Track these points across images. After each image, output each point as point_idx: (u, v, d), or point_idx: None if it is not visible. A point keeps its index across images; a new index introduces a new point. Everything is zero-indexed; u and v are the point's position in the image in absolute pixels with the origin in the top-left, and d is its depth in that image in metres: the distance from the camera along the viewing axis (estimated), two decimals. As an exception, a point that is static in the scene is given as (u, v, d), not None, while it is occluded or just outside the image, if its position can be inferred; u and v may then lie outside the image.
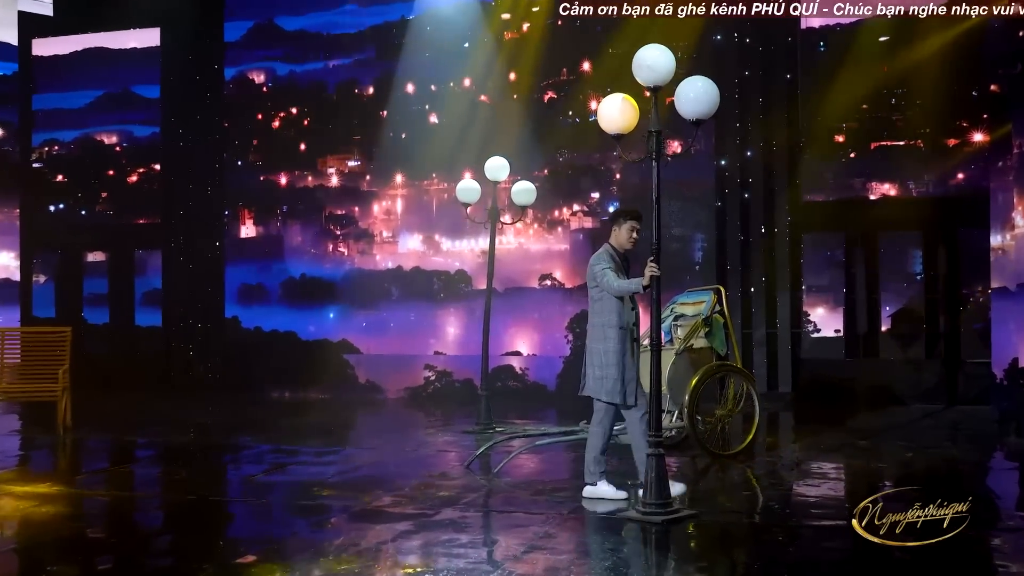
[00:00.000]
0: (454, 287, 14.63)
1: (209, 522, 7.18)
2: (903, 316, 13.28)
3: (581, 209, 14.36)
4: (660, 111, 6.90)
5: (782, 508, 7.44)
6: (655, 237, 6.89)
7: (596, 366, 7.26)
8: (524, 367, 14.24)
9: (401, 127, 14.69)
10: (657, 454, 6.68)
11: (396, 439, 10.55)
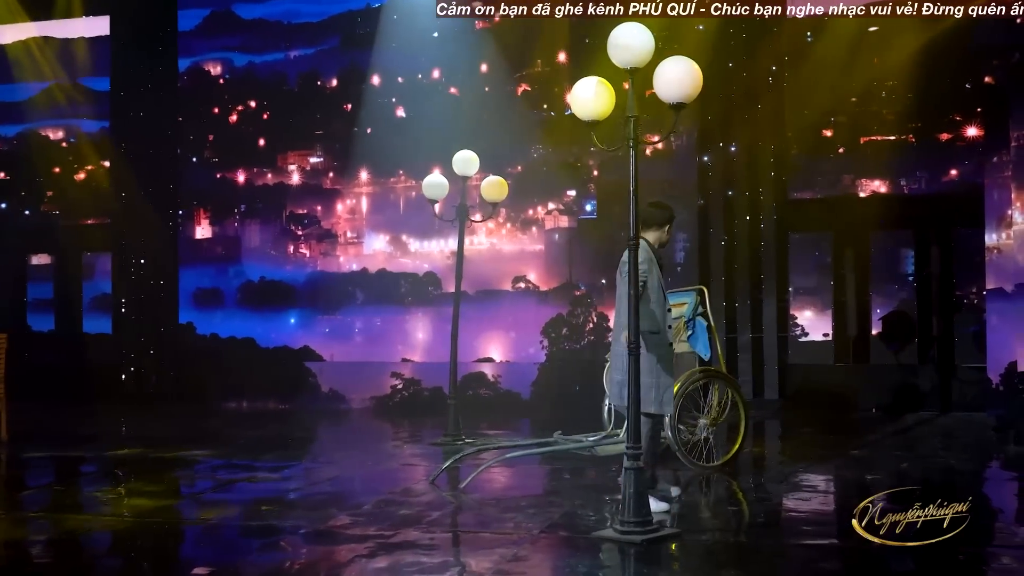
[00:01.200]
0: (422, 290, 13.90)
1: (152, 545, 6.44)
2: (894, 319, 12.65)
3: (556, 207, 13.67)
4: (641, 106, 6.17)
5: (771, 525, 6.78)
6: (632, 231, 6.17)
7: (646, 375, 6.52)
8: (496, 374, 13.50)
9: (366, 121, 13.95)
10: (635, 468, 5.99)
11: (359, 452, 9.79)
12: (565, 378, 13.07)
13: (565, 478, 8.02)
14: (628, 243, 6.20)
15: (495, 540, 6.11)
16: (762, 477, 8.41)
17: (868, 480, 8.21)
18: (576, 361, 13.19)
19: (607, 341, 13.24)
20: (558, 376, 13.17)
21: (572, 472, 8.25)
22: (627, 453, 6.02)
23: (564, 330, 13.40)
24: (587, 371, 12.92)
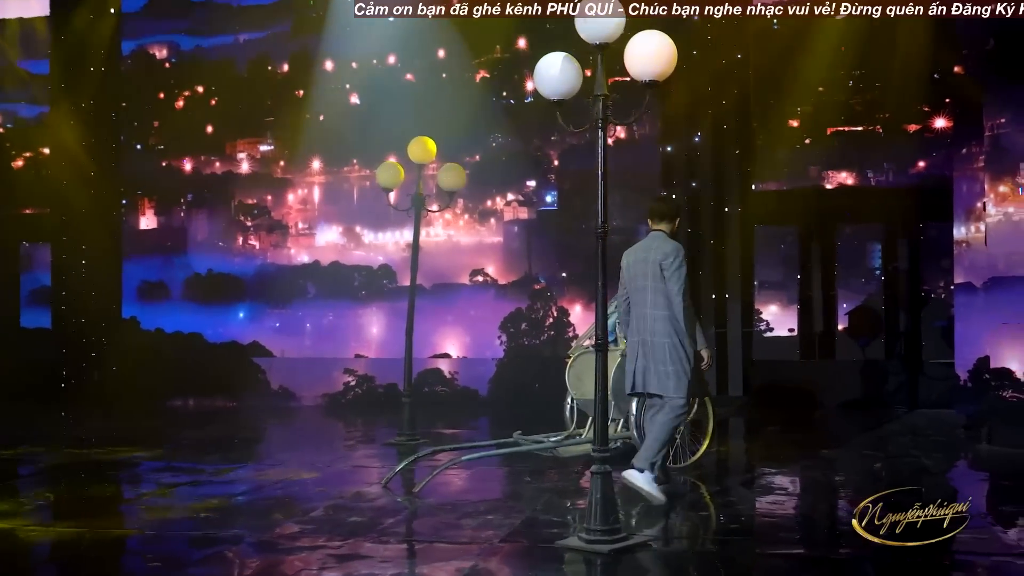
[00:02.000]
0: (377, 283, 13.42)
1: (80, 557, 5.92)
2: (861, 314, 12.41)
3: (516, 198, 13.25)
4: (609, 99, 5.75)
5: (744, 533, 6.40)
6: (601, 217, 5.78)
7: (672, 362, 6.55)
8: (453, 371, 13.06)
9: (319, 108, 13.44)
10: (603, 472, 5.58)
11: (309, 453, 9.30)
12: (524, 375, 12.67)
13: (526, 481, 7.61)
14: (597, 232, 5.77)
15: (452, 551, 5.68)
16: (731, 479, 8.05)
17: (839, 482, 7.94)
18: (536, 357, 12.80)
19: (568, 336, 12.94)
20: (517, 373, 12.77)
21: (533, 474, 7.84)
22: (594, 456, 5.61)
23: (523, 325, 12.99)
24: (547, 367, 12.54)
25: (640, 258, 6.73)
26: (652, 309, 6.62)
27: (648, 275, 6.65)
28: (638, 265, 6.73)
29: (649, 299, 6.63)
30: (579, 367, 8.19)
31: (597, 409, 5.66)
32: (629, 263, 6.85)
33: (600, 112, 5.69)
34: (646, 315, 6.64)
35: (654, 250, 6.68)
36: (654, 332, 6.58)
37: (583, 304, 12.89)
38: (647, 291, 6.63)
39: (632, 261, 6.82)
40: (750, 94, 12.58)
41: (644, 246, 6.79)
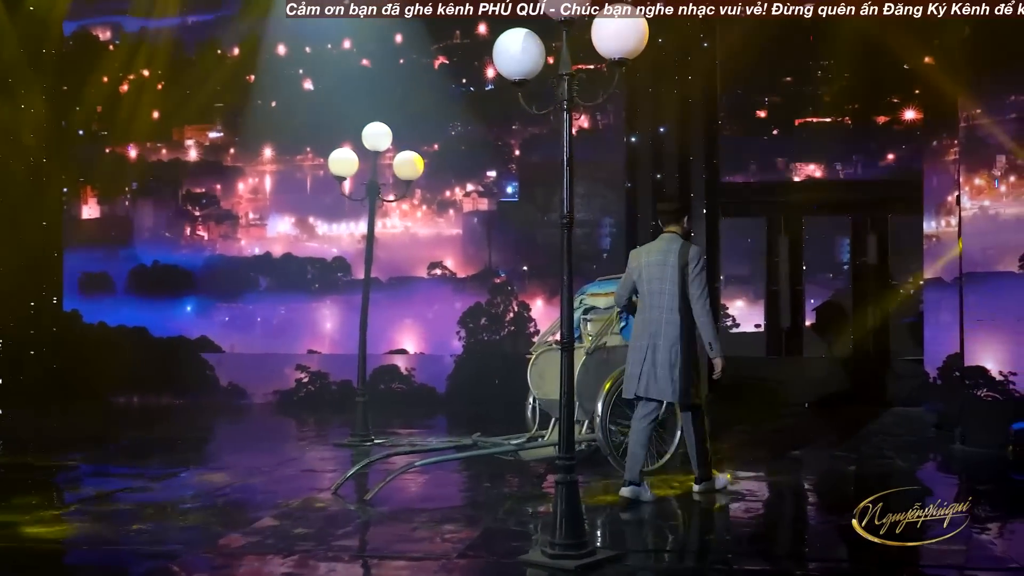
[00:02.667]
0: (330, 276, 12.94)
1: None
2: (829, 310, 12.13)
3: (476, 189, 12.82)
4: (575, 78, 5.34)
5: (720, 544, 6.04)
6: (566, 207, 5.37)
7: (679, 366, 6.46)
8: (410, 367, 12.62)
9: (271, 94, 12.91)
10: (568, 481, 5.18)
11: (258, 455, 8.82)
12: (484, 372, 12.27)
13: (485, 486, 7.20)
14: (562, 222, 5.37)
15: (405, 568, 5.26)
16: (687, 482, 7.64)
17: (813, 486, 7.61)
18: (495, 354, 12.40)
19: (529, 332, 12.54)
20: (476, 369, 12.36)
21: (492, 479, 7.43)
22: (559, 464, 5.20)
23: (483, 320, 12.58)
24: (507, 364, 12.16)
25: (658, 260, 6.57)
26: (669, 313, 6.47)
27: (667, 278, 6.49)
28: (655, 267, 6.57)
29: (667, 303, 6.49)
30: (542, 365, 7.79)
31: (563, 413, 5.26)
32: (642, 264, 6.67)
33: (565, 93, 5.26)
34: (661, 319, 6.49)
35: (674, 253, 6.53)
36: (668, 336, 6.45)
37: (544, 299, 12.50)
38: (665, 294, 6.49)
39: (647, 263, 6.64)
40: (717, 84, 12.24)
41: (661, 248, 6.61)
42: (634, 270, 6.72)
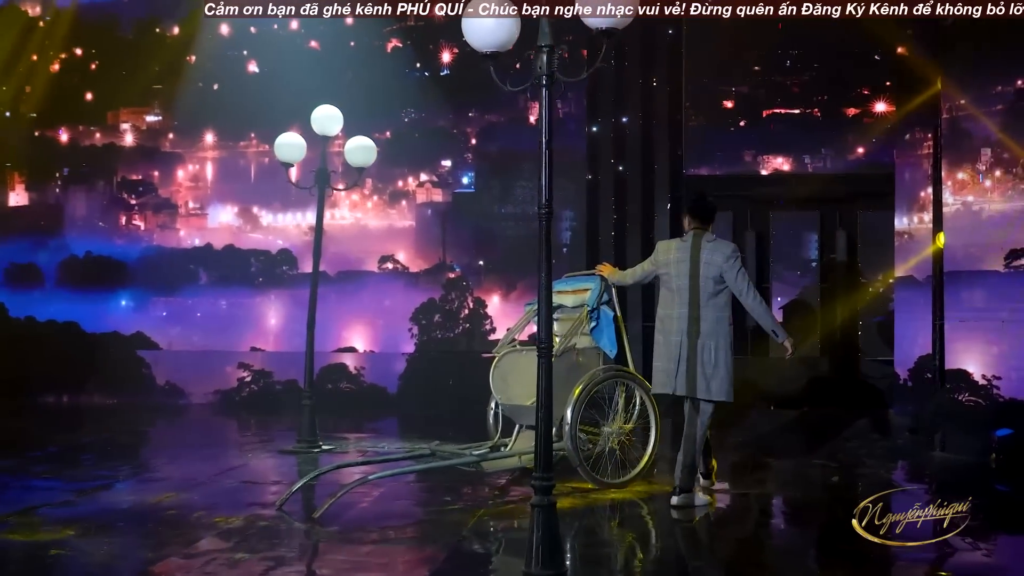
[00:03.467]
0: (276, 270, 12.29)
1: None
2: (796, 308, 11.70)
3: (430, 179, 12.23)
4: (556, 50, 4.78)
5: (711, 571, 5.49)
6: (545, 195, 4.82)
7: (722, 364, 6.40)
8: (360, 366, 12.00)
9: (213, 76, 12.23)
10: (546, 504, 4.62)
11: (196, 462, 8.15)
12: (438, 371, 11.72)
13: (445, 500, 6.61)
14: (540, 212, 4.81)
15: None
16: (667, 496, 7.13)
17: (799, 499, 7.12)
18: (450, 352, 11.86)
19: (484, 329, 11.99)
20: (429, 369, 11.80)
21: (452, 492, 6.85)
22: (535, 485, 4.63)
23: (437, 317, 12.00)
24: (462, 363, 11.66)
25: (688, 257, 6.46)
26: (704, 310, 6.40)
27: (700, 276, 6.41)
28: (685, 264, 6.46)
29: (701, 299, 6.39)
30: (505, 368, 7.22)
31: (539, 428, 4.69)
32: (672, 260, 6.55)
33: (545, 66, 4.69)
34: (696, 316, 6.39)
35: (708, 250, 6.47)
36: (721, 335, 6.43)
37: (501, 295, 11.96)
38: (698, 291, 6.40)
39: (676, 259, 6.52)
40: (682, 72, 11.75)
41: (692, 245, 6.50)
42: (663, 264, 6.57)
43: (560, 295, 7.42)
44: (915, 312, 10.52)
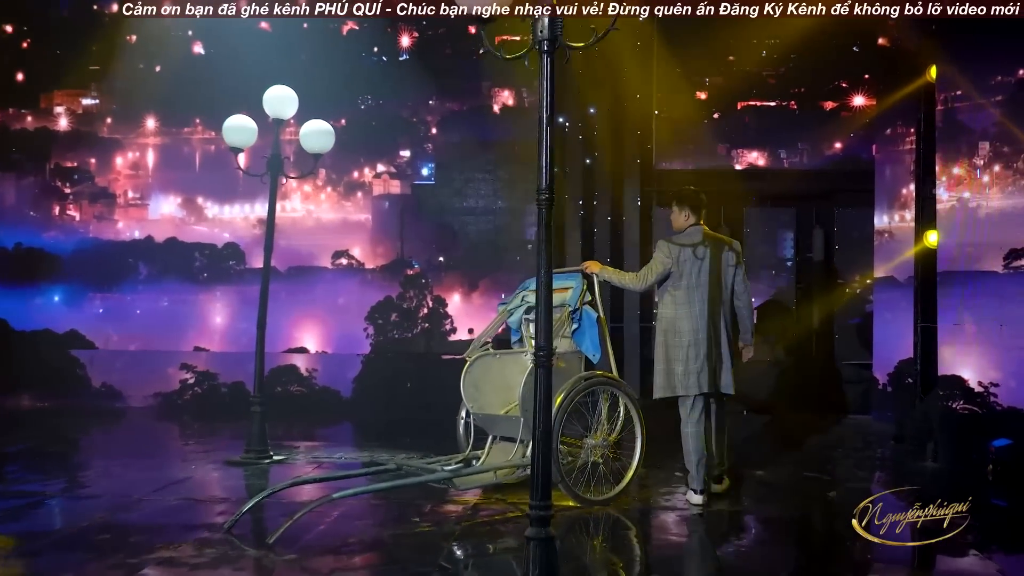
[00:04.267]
0: (222, 264, 11.54)
1: None
2: (770, 309, 11.24)
3: (387, 170, 11.56)
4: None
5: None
6: (545, 178, 4.24)
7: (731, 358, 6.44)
8: (311, 368, 11.30)
9: (155, 57, 11.43)
10: (542, 538, 4.02)
11: (135, 474, 7.43)
12: (394, 373, 11.10)
13: (414, 521, 5.96)
14: (539, 199, 4.23)
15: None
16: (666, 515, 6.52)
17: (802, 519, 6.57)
18: (408, 353, 11.23)
19: (444, 329, 11.36)
20: (386, 371, 11.16)
21: (418, 510, 6.20)
22: (532, 516, 4.02)
23: (393, 316, 11.34)
24: (420, 364, 11.05)
25: (708, 255, 6.36)
26: (719, 306, 6.36)
27: (712, 271, 6.33)
28: (702, 263, 6.35)
29: (715, 295, 6.33)
30: (477, 373, 6.61)
31: (537, 448, 4.09)
32: (684, 258, 6.37)
33: (547, 30, 4.09)
34: (716, 312, 6.33)
35: (716, 246, 6.44)
36: (727, 329, 6.40)
37: (462, 293, 11.34)
38: (709, 287, 6.32)
39: (687, 256, 6.37)
40: (653, 61, 11.22)
41: (699, 240, 6.42)
42: (673, 262, 6.37)
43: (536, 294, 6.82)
44: (896, 314, 10.12)
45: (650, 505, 6.53)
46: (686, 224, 6.47)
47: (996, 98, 7.63)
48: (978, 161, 7.76)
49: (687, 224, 6.47)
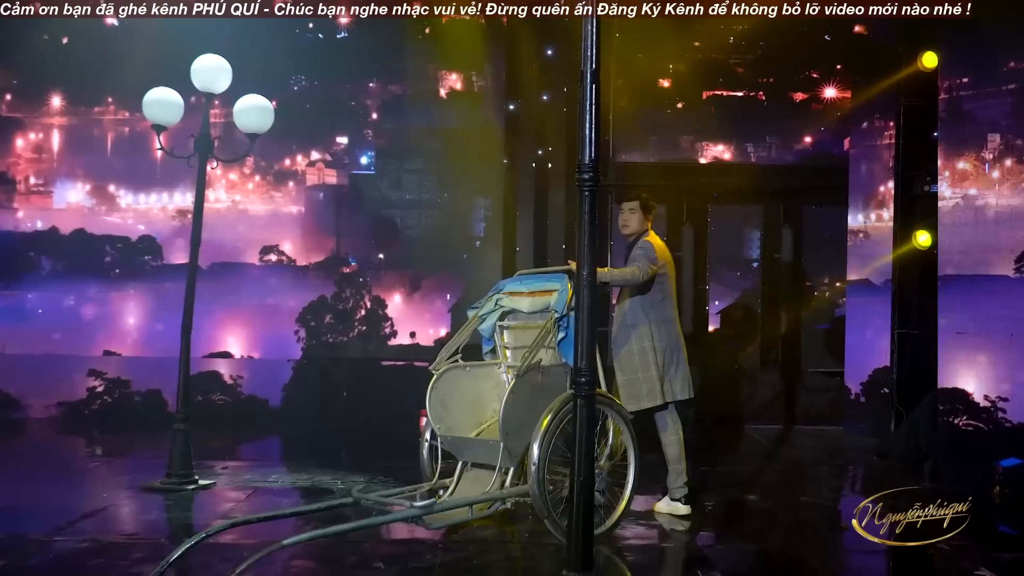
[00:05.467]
0: (136, 260, 10.44)
1: None
2: (734, 313, 10.58)
3: (322, 158, 10.58)
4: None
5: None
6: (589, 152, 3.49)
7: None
8: (236, 375, 10.25)
9: (62, 29, 10.26)
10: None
11: (27, 504, 6.32)
12: (329, 381, 10.14)
13: (375, 568, 5.01)
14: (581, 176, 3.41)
15: None
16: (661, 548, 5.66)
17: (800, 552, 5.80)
18: (344, 358, 10.24)
19: (384, 333, 10.43)
20: (319, 378, 10.16)
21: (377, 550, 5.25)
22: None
23: (328, 318, 10.36)
24: (357, 371, 10.09)
25: (671, 258, 6.19)
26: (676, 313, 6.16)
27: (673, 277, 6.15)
28: (672, 266, 6.14)
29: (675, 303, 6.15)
30: (444, 389, 5.67)
31: (576, 503, 3.20)
32: (668, 261, 6.11)
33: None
34: (675, 319, 6.12)
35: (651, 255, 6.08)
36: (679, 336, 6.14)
37: (404, 294, 10.42)
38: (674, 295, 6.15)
39: (670, 260, 6.15)
40: (613, 45, 10.44)
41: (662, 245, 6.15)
42: (662, 265, 6.00)
43: (513, 298, 5.95)
44: (870, 320, 9.58)
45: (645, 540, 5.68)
46: (642, 225, 6.10)
47: (1008, 86, 6.98)
48: (986, 155, 7.11)
49: (645, 225, 6.11)
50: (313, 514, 5.32)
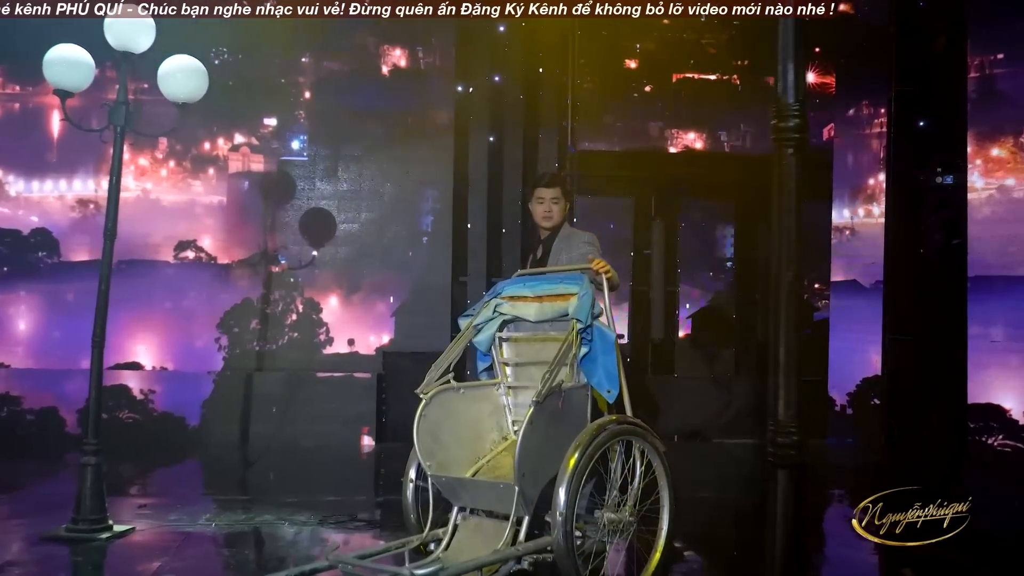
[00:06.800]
0: (28, 257, 9.05)
1: None
2: (707, 317, 9.72)
3: (247, 142, 9.35)
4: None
5: None
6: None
7: None
8: (147, 389, 8.93)
9: (-61, -15, 8.75)
10: None
11: None
12: (255, 394, 8.89)
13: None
14: (778, 127, 2.24)
15: None
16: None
17: None
18: (273, 369, 9.02)
19: (319, 340, 9.27)
20: (244, 391, 8.89)
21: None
22: None
23: (254, 323, 9.16)
24: (289, 384, 8.90)
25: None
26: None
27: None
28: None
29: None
30: (435, 417, 4.55)
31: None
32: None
33: None
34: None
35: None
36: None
37: (341, 296, 9.28)
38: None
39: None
40: (574, 23, 9.46)
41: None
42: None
43: (515, 304, 4.85)
44: (858, 324, 8.85)
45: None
46: (562, 220, 5.21)
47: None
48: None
49: (563, 220, 5.22)
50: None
